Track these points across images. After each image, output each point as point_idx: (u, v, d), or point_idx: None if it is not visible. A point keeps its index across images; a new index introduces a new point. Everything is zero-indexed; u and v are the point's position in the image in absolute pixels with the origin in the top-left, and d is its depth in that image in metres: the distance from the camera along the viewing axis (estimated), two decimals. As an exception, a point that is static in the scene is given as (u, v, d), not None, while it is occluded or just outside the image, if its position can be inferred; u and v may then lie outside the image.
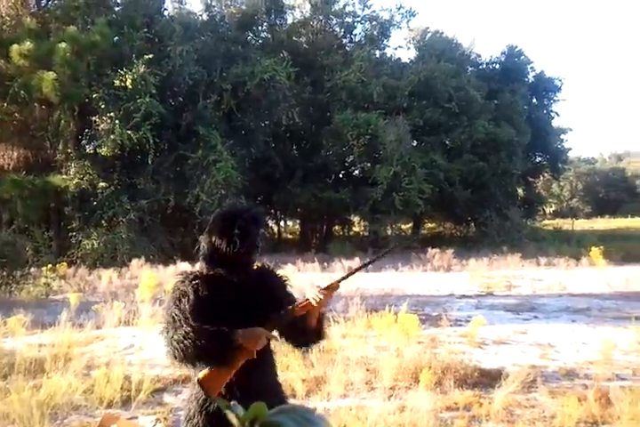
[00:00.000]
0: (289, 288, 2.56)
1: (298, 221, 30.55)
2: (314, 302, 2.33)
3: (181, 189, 19.36)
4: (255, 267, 2.51)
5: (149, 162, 18.57)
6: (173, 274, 12.94)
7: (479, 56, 31.90)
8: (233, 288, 2.35)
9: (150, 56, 18.74)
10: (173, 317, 2.21)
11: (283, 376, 5.34)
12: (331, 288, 2.37)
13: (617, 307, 9.80)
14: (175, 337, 2.12)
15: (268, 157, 23.20)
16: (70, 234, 18.53)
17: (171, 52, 20.08)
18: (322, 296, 2.32)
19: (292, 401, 4.82)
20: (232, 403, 0.90)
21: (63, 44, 17.30)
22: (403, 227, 27.39)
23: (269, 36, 27.17)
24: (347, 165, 26.02)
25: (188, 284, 2.32)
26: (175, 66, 19.93)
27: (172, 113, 20.14)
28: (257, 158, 22.59)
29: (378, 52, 28.11)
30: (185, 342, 2.10)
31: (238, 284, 2.36)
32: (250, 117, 22.27)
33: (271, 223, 29.17)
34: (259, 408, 0.85)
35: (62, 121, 19.31)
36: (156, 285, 8.60)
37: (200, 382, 2.18)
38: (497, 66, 31.52)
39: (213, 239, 2.36)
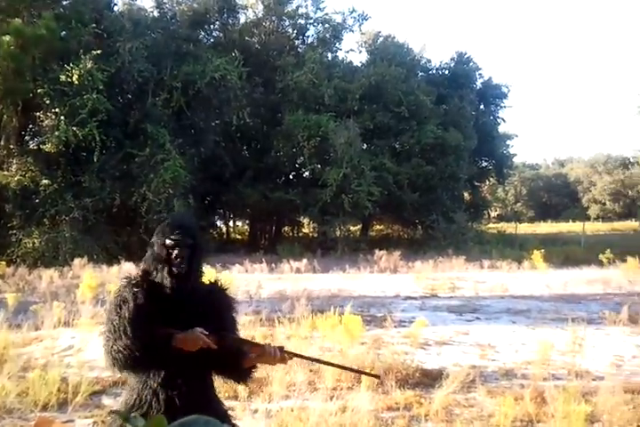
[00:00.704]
0: (234, 311, 2.54)
1: (247, 222, 30.40)
2: (268, 352, 2.32)
3: (128, 187, 19.00)
4: (208, 282, 2.50)
5: (95, 159, 18.16)
6: (117, 274, 12.72)
7: (429, 61, 32.45)
8: (175, 298, 2.33)
9: (98, 52, 18.35)
10: (114, 325, 2.23)
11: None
12: (289, 355, 2.36)
13: (555, 309, 10.07)
14: (115, 348, 2.16)
15: (217, 156, 23.02)
16: (10, 232, 17.94)
17: (120, 48, 19.70)
18: (278, 354, 2.32)
19: (233, 403, 4.81)
20: (132, 415, 0.90)
21: (7, 37, 16.81)
22: (351, 228, 27.59)
23: (221, 35, 27.00)
24: (297, 166, 26.05)
25: (129, 290, 2.32)
26: (124, 62, 19.57)
27: (119, 110, 19.77)
28: (206, 158, 22.40)
29: (330, 55, 28.31)
30: (124, 352, 2.14)
31: (183, 294, 2.35)
32: (200, 116, 22.08)
33: (220, 223, 28.97)
34: (158, 421, 0.85)
35: (5, 116, 18.75)
36: (97, 285, 8.42)
37: None
38: (446, 72, 32.08)
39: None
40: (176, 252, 2.34)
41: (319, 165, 23.72)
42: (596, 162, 63.35)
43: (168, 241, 2.36)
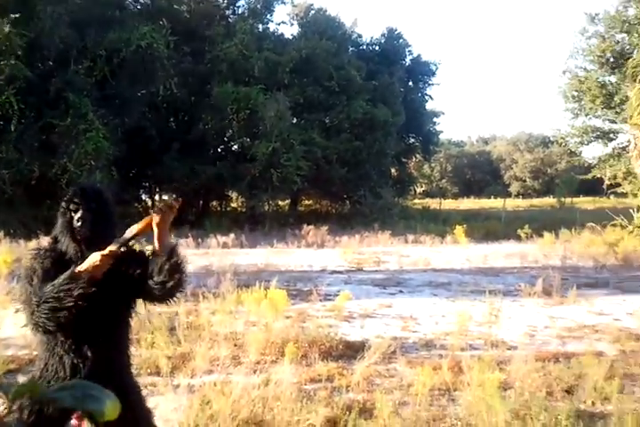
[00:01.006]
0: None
1: (173, 196, 29.83)
2: (155, 217, 2.29)
3: (47, 158, 18.23)
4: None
5: (12, 129, 17.28)
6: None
7: (360, 36, 32.47)
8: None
9: (17, 16, 17.34)
10: (27, 294, 2.22)
11: (147, 354, 5.27)
12: (172, 205, 2.32)
13: (475, 282, 10.47)
14: (30, 310, 2.15)
15: (143, 128, 22.39)
16: None
17: (40, 12, 18.66)
18: (163, 208, 2.30)
19: (155, 379, 4.77)
20: (4, 382, 0.88)
21: None
22: (280, 203, 27.58)
23: (148, 1, 25.96)
24: (226, 139, 25.69)
25: (36, 260, 2.33)
26: (45, 28, 18.56)
27: (39, 78, 18.79)
28: (131, 129, 21.73)
29: (260, 26, 27.81)
30: (39, 308, 2.12)
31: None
32: (124, 86, 21.29)
33: (145, 197, 28.34)
34: (30, 385, 0.84)
35: None
36: (14, 260, 8.10)
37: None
38: (376, 47, 32.21)
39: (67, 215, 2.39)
40: (77, 215, 2.34)
41: (248, 139, 23.47)
42: (518, 140, 65.52)
43: (71, 205, 2.36)
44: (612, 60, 28.57)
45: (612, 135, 30.46)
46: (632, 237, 16.00)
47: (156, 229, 2.30)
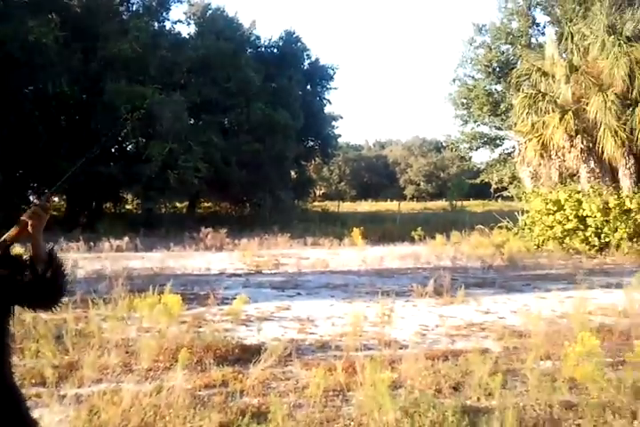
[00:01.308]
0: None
1: (64, 197, 28.54)
2: (29, 221, 2.15)
3: None
4: None
5: None
6: None
7: (258, 38, 32.39)
8: None
9: None
10: None
11: (31, 363, 5.01)
12: (45, 207, 2.20)
13: (371, 283, 10.70)
14: None
15: (30, 126, 21.23)
16: None
17: None
18: (36, 211, 2.17)
19: (40, 390, 4.54)
20: None
21: None
22: (178, 205, 27.02)
23: (36, -7, 24.75)
24: (120, 139, 24.84)
25: None
26: None
27: None
28: (17, 127, 20.57)
29: (156, 25, 27.16)
30: None
31: None
32: (10, 82, 20.16)
33: (33, 199, 26.93)
34: None
35: None
36: None
37: None
38: (275, 50, 32.26)
39: None
40: None
41: (143, 139, 22.83)
42: (413, 145, 67.83)
43: None
44: (497, 69, 30.19)
45: (498, 141, 32.19)
46: (517, 238, 16.91)
47: (31, 233, 2.17)
